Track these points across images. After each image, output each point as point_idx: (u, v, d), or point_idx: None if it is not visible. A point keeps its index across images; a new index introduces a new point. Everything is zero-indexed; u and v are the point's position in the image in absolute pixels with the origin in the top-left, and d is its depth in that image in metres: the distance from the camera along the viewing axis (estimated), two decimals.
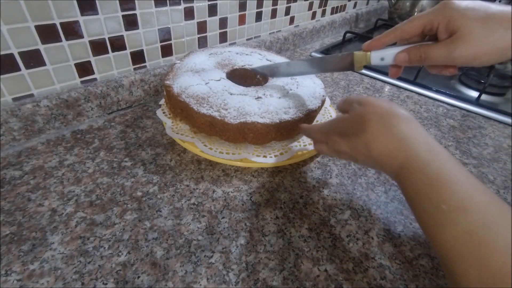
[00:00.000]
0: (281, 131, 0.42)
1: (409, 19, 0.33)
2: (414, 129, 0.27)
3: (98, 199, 0.37)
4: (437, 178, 0.23)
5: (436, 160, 0.24)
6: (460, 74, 0.77)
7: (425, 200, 0.23)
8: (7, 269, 0.29)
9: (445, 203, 0.22)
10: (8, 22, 0.39)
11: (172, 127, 0.45)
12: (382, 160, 0.27)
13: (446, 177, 0.23)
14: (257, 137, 0.42)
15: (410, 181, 0.25)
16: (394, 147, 0.27)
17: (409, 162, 0.25)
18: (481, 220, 0.20)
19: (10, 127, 0.42)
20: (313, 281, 0.30)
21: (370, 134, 0.28)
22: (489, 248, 0.19)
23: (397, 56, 0.34)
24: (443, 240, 0.21)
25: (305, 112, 0.43)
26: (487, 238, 0.19)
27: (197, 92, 0.43)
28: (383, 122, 0.28)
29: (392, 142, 0.27)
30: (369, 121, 0.28)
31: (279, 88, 0.47)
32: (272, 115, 0.41)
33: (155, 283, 0.29)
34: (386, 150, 0.27)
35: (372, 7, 1.25)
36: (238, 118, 0.40)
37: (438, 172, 0.23)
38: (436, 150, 0.25)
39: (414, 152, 0.25)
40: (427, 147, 0.26)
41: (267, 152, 0.43)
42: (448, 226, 0.21)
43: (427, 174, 0.24)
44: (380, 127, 0.28)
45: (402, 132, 0.27)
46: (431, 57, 0.31)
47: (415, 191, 0.24)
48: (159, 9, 0.53)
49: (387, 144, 0.27)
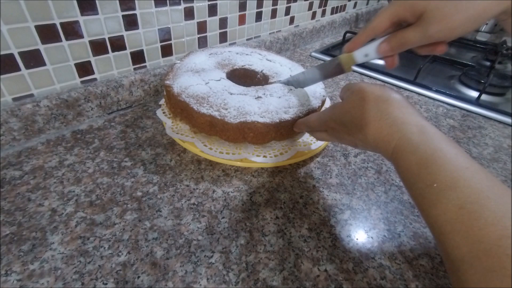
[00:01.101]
0: (281, 130, 0.42)
1: (376, 15, 0.34)
2: (406, 113, 0.28)
3: (98, 199, 0.37)
4: (428, 158, 0.24)
5: (427, 140, 0.25)
6: (460, 74, 0.77)
7: (418, 180, 0.24)
8: (7, 269, 0.29)
9: (436, 182, 0.22)
10: (8, 22, 0.39)
11: (172, 127, 0.45)
12: (378, 144, 0.28)
13: (437, 157, 0.24)
14: (257, 137, 0.42)
15: (403, 163, 0.26)
16: (387, 132, 0.27)
17: (402, 145, 0.26)
18: (471, 195, 0.21)
19: (10, 127, 0.42)
20: (313, 281, 0.30)
21: (364, 120, 0.29)
22: (480, 221, 0.19)
23: (379, 48, 0.35)
24: (436, 216, 0.22)
25: (305, 112, 0.43)
26: (477, 212, 0.20)
27: (197, 92, 0.43)
28: (377, 108, 0.29)
29: (385, 127, 0.28)
30: (362, 107, 0.29)
31: (279, 88, 0.47)
32: (272, 114, 0.41)
33: (155, 283, 0.29)
34: (381, 135, 0.28)
35: (372, 7, 1.25)
36: (238, 118, 0.40)
37: (429, 153, 0.24)
38: (428, 131, 0.26)
39: (406, 135, 0.26)
40: (418, 129, 0.26)
41: (267, 152, 0.43)
42: (440, 203, 0.22)
43: (418, 155, 0.24)
44: (373, 113, 0.28)
45: (394, 116, 0.28)
46: (410, 40, 0.31)
47: (408, 172, 0.25)
48: (159, 9, 0.53)
49: (381, 129, 0.28)
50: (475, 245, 0.19)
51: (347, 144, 0.34)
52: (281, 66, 0.53)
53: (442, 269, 0.32)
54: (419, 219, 0.38)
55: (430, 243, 0.35)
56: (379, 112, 0.28)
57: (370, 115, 0.29)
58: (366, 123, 0.29)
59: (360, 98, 0.30)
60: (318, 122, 0.37)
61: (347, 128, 0.31)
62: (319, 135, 0.37)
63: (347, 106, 0.31)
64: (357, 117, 0.30)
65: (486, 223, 0.19)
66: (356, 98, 0.31)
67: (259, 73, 0.52)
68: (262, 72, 0.52)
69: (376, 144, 0.28)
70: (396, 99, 0.29)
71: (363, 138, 0.29)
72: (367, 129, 0.29)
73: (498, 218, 0.19)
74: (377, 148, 0.29)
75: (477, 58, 0.91)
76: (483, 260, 0.18)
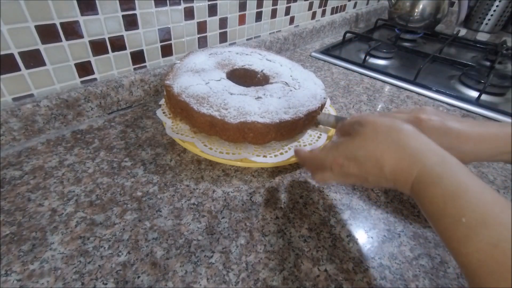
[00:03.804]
0: (281, 131, 0.42)
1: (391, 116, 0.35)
2: (423, 143, 0.27)
3: (98, 199, 0.37)
4: (454, 191, 0.23)
5: (450, 171, 0.24)
6: (460, 74, 0.77)
7: (444, 214, 0.23)
8: (7, 269, 0.29)
9: (465, 217, 0.21)
10: (8, 22, 0.39)
11: (172, 127, 0.45)
12: (396, 176, 0.27)
13: (463, 190, 0.23)
14: (257, 137, 0.42)
15: (426, 195, 0.25)
16: (408, 163, 0.26)
17: (423, 176, 0.25)
18: (503, 232, 0.20)
19: (10, 127, 0.42)
20: (313, 281, 0.30)
21: (380, 152, 0.28)
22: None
23: None
24: (467, 255, 0.21)
25: (305, 113, 0.43)
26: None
27: (197, 92, 0.43)
28: (391, 139, 0.28)
29: (404, 158, 0.26)
30: (376, 139, 0.28)
31: (279, 88, 0.47)
32: (272, 115, 0.41)
33: (155, 283, 0.29)
34: (400, 166, 0.27)
35: (372, 7, 1.25)
36: (238, 118, 0.40)
37: (454, 185, 0.23)
38: (448, 161, 0.25)
39: (428, 166, 0.25)
40: (439, 159, 0.25)
41: (267, 152, 0.43)
42: (471, 240, 0.20)
43: (443, 187, 0.23)
44: (389, 144, 0.28)
45: (412, 146, 0.27)
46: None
47: (432, 205, 0.24)
48: (159, 9, 0.53)
49: (400, 160, 0.27)
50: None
51: (353, 181, 0.32)
52: (281, 66, 0.53)
53: (442, 269, 0.32)
54: (419, 219, 0.38)
55: (430, 243, 0.35)
56: (394, 143, 0.27)
57: (386, 147, 0.28)
58: (382, 155, 0.28)
59: (372, 130, 0.29)
60: (325, 159, 0.33)
61: (360, 164, 0.29)
62: (320, 176, 0.34)
63: (360, 140, 0.30)
64: (372, 150, 0.28)
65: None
66: (368, 131, 0.30)
67: (259, 73, 0.52)
68: (262, 72, 0.52)
69: (395, 176, 0.27)
70: (409, 129, 0.28)
71: (377, 173, 0.28)
72: (383, 162, 0.27)
73: None
74: (395, 180, 0.27)
75: (477, 58, 0.91)
76: None
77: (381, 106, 0.63)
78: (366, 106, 0.62)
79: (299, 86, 0.48)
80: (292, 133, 0.44)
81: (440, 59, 0.85)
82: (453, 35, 1.03)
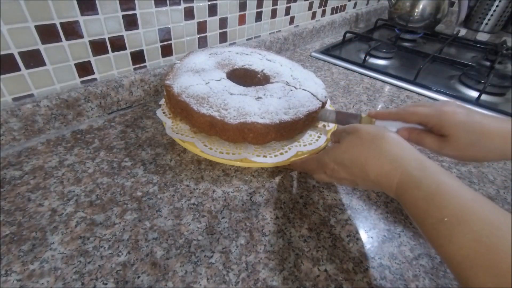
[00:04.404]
0: (281, 131, 0.42)
1: (411, 111, 0.37)
2: (404, 149, 0.29)
3: (98, 199, 0.37)
4: (434, 192, 0.24)
5: (429, 174, 0.26)
6: (460, 74, 0.77)
7: (427, 216, 0.24)
8: (7, 269, 0.29)
9: (447, 216, 0.23)
10: (8, 22, 0.39)
11: (172, 127, 0.45)
12: (380, 181, 0.29)
13: (442, 191, 0.24)
14: (257, 137, 0.42)
15: (409, 198, 0.26)
16: (389, 168, 0.28)
17: (405, 180, 0.27)
18: (484, 228, 0.21)
19: (10, 127, 0.42)
20: (313, 281, 0.30)
21: (364, 158, 0.30)
22: (500, 254, 0.19)
23: (399, 131, 0.38)
24: (452, 252, 0.22)
25: (305, 113, 0.43)
26: (493, 245, 0.20)
27: (197, 92, 0.43)
28: (375, 146, 0.30)
29: (386, 163, 0.28)
30: (361, 146, 0.31)
31: (279, 88, 0.47)
32: (272, 115, 0.41)
33: (155, 283, 0.29)
34: (383, 172, 0.28)
35: (372, 7, 1.25)
36: (238, 118, 0.40)
37: (434, 187, 0.25)
38: (427, 165, 0.27)
39: (408, 170, 0.27)
40: (418, 164, 0.27)
41: (267, 152, 0.43)
42: (454, 237, 0.22)
43: (423, 190, 0.25)
44: (372, 151, 0.30)
45: (393, 153, 0.29)
46: (426, 144, 0.36)
47: (416, 208, 0.25)
48: (159, 9, 0.53)
49: (382, 166, 0.29)
50: (500, 279, 0.19)
51: (346, 184, 0.35)
52: (281, 66, 0.53)
53: (442, 269, 0.32)
54: None
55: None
56: (377, 149, 0.29)
57: (369, 154, 0.30)
58: (366, 161, 0.30)
59: (356, 137, 0.32)
60: (316, 164, 0.37)
61: (347, 168, 0.32)
62: (317, 177, 0.38)
63: (345, 146, 0.32)
64: (357, 156, 0.31)
65: (506, 255, 0.19)
66: (353, 138, 0.32)
67: (260, 73, 0.52)
68: (262, 72, 0.52)
69: (378, 181, 0.29)
70: (391, 137, 0.30)
71: (364, 177, 0.30)
72: (367, 167, 0.29)
73: None
74: (379, 185, 0.29)
75: (477, 58, 0.91)
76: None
77: (381, 106, 0.63)
78: (366, 106, 0.62)
79: (299, 85, 0.48)
80: (292, 134, 0.44)
81: (440, 59, 0.85)
82: (453, 35, 1.03)
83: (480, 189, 0.43)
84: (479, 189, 0.44)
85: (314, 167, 0.38)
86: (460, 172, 0.46)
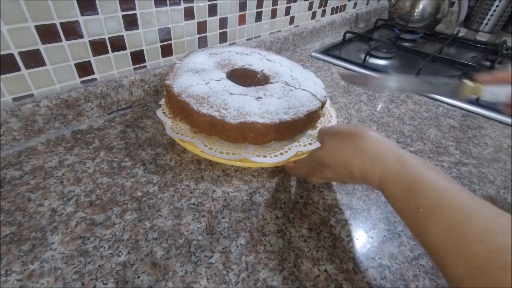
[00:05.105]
0: (281, 131, 0.42)
1: None
2: (383, 146, 0.30)
3: (98, 199, 0.37)
4: (410, 185, 0.25)
5: (406, 168, 0.27)
6: (460, 74, 0.77)
7: (406, 208, 0.25)
8: (7, 269, 0.29)
9: (422, 207, 0.24)
10: (8, 22, 0.39)
11: (172, 127, 0.45)
12: (365, 178, 0.30)
13: (418, 183, 0.25)
14: (256, 137, 0.42)
15: (390, 193, 0.27)
16: (370, 166, 0.29)
17: (385, 176, 0.28)
18: (455, 215, 0.22)
19: (10, 127, 0.42)
20: (313, 281, 0.30)
21: (347, 159, 0.31)
22: (468, 239, 0.20)
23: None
24: (428, 240, 0.23)
25: (305, 113, 0.43)
26: (464, 231, 0.21)
27: (197, 92, 0.43)
28: (355, 146, 0.31)
29: (367, 162, 0.29)
30: (342, 148, 0.32)
31: (279, 88, 0.47)
32: (272, 115, 0.41)
33: (155, 283, 0.29)
34: (365, 170, 0.30)
35: (372, 7, 1.25)
36: (238, 118, 0.40)
37: (410, 179, 0.26)
38: (405, 159, 0.28)
39: (387, 167, 0.28)
40: (396, 159, 0.28)
41: (267, 152, 0.43)
42: (429, 226, 0.23)
43: (401, 184, 0.26)
44: (353, 151, 0.31)
45: (373, 151, 0.30)
46: None
47: (396, 201, 0.27)
48: (159, 9, 0.53)
49: (363, 164, 0.30)
50: (469, 263, 0.20)
51: (337, 182, 0.37)
52: (281, 66, 0.53)
53: None
54: None
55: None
56: (358, 149, 0.30)
57: (350, 154, 0.31)
58: (349, 161, 0.31)
59: (337, 139, 0.33)
60: (305, 169, 0.38)
61: (333, 169, 0.33)
62: (310, 179, 0.40)
63: (327, 149, 0.34)
64: (339, 158, 0.32)
65: (475, 240, 0.20)
66: (334, 140, 0.33)
67: (259, 73, 0.52)
68: (262, 72, 0.52)
69: (364, 178, 0.30)
70: (370, 135, 0.31)
71: (350, 175, 0.31)
72: (351, 167, 0.31)
73: (483, 234, 0.20)
74: (365, 181, 0.30)
75: (477, 58, 0.91)
76: (479, 277, 0.19)
77: (381, 106, 0.63)
78: (366, 106, 0.62)
79: (299, 85, 0.48)
80: (292, 133, 0.44)
81: (440, 59, 0.85)
82: (453, 35, 1.03)
83: (480, 189, 0.44)
84: (479, 189, 0.44)
85: (304, 172, 0.39)
86: (460, 172, 0.46)
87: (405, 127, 0.57)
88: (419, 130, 0.56)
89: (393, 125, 0.57)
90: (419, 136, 0.54)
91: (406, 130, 0.56)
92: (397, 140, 0.53)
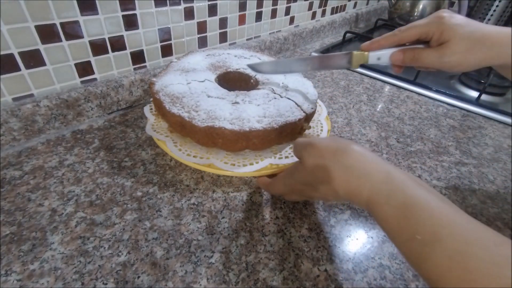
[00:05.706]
0: (253, 140, 0.39)
1: (407, 27, 0.37)
2: (369, 161, 0.27)
3: (98, 199, 0.37)
4: (404, 208, 0.24)
5: (396, 187, 0.25)
6: (460, 74, 0.77)
7: (400, 231, 0.24)
8: (7, 269, 0.29)
9: (419, 234, 0.22)
10: (8, 22, 0.39)
11: (153, 124, 0.45)
12: (350, 197, 0.28)
13: (411, 205, 0.23)
14: (226, 144, 0.40)
15: (379, 213, 0.25)
16: (356, 184, 0.27)
17: (373, 195, 0.26)
18: (456, 246, 0.20)
19: (10, 127, 0.42)
20: (313, 281, 0.30)
21: (330, 177, 0.28)
22: (472, 272, 0.19)
23: (392, 55, 0.38)
24: (427, 269, 0.21)
25: (281, 123, 0.40)
26: (467, 262, 0.20)
27: (174, 91, 0.43)
28: (338, 162, 0.28)
29: (353, 180, 0.27)
30: (323, 165, 0.28)
31: (262, 95, 0.44)
32: (242, 122, 0.39)
33: (155, 283, 0.29)
34: (351, 189, 0.27)
35: (372, 7, 1.25)
36: (206, 122, 0.38)
37: (402, 201, 0.24)
38: (395, 176, 0.26)
39: (376, 186, 0.26)
40: (384, 176, 0.26)
41: (236, 160, 0.41)
42: (428, 256, 0.21)
43: (392, 205, 0.24)
44: (336, 168, 0.28)
45: (359, 167, 0.27)
46: (423, 58, 0.36)
47: (387, 223, 0.25)
48: (159, 9, 0.53)
49: (348, 182, 0.27)
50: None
51: (319, 199, 0.34)
52: None
53: None
54: None
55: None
56: (342, 166, 0.28)
57: (333, 171, 0.28)
58: (332, 179, 0.28)
59: (317, 156, 0.29)
60: (283, 187, 0.35)
61: (314, 188, 0.31)
62: (288, 197, 0.37)
63: (307, 166, 0.30)
64: (321, 176, 0.29)
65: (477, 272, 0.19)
66: (313, 156, 0.30)
67: (253, 77, 0.51)
68: (255, 77, 0.50)
69: (349, 196, 0.28)
70: (354, 150, 0.28)
71: (333, 194, 0.29)
72: (335, 186, 0.28)
73: (488, 267, 0.19)
74: (350, 200, 0.28)
75: None
76: None
77: (381, 106, 0.63)
78: (366, 106, 0.62)
79: (286, 94, 0.46)
80: (266, 144, 0.42)
81: None
82: None
83: (480, 189, 0.44)
84: (479, 189, 0.44)
85: (281, 191, 0.36)
86: (460, 172, 0.46)
87: (405, 127, 0.57)
88: (419, 130, 0.56)
89: (393, 125, 0.57)
90: (419, 136, 0.54)
91: (406, 130, 0.56)
92: (397, 140, 0.53)
